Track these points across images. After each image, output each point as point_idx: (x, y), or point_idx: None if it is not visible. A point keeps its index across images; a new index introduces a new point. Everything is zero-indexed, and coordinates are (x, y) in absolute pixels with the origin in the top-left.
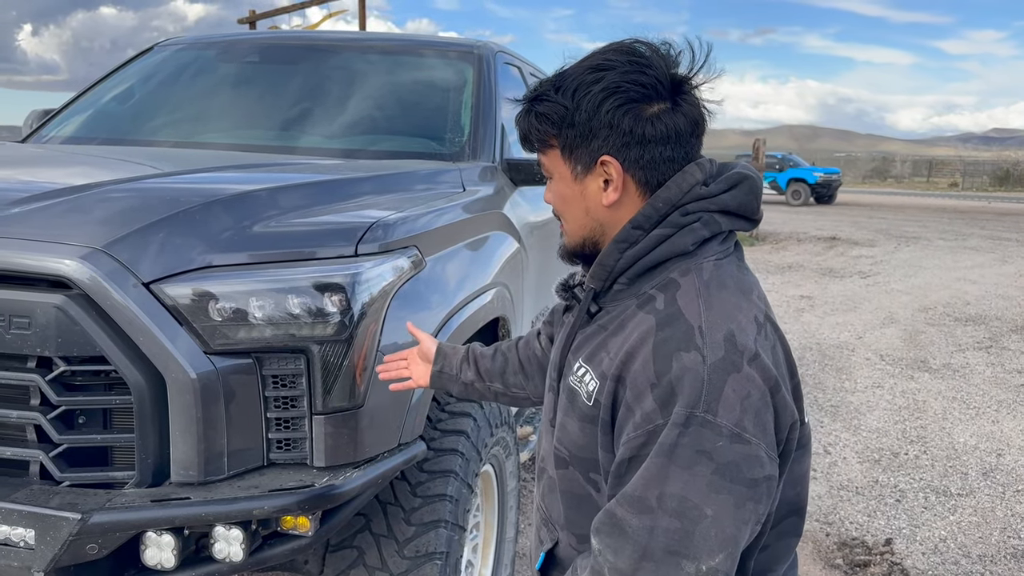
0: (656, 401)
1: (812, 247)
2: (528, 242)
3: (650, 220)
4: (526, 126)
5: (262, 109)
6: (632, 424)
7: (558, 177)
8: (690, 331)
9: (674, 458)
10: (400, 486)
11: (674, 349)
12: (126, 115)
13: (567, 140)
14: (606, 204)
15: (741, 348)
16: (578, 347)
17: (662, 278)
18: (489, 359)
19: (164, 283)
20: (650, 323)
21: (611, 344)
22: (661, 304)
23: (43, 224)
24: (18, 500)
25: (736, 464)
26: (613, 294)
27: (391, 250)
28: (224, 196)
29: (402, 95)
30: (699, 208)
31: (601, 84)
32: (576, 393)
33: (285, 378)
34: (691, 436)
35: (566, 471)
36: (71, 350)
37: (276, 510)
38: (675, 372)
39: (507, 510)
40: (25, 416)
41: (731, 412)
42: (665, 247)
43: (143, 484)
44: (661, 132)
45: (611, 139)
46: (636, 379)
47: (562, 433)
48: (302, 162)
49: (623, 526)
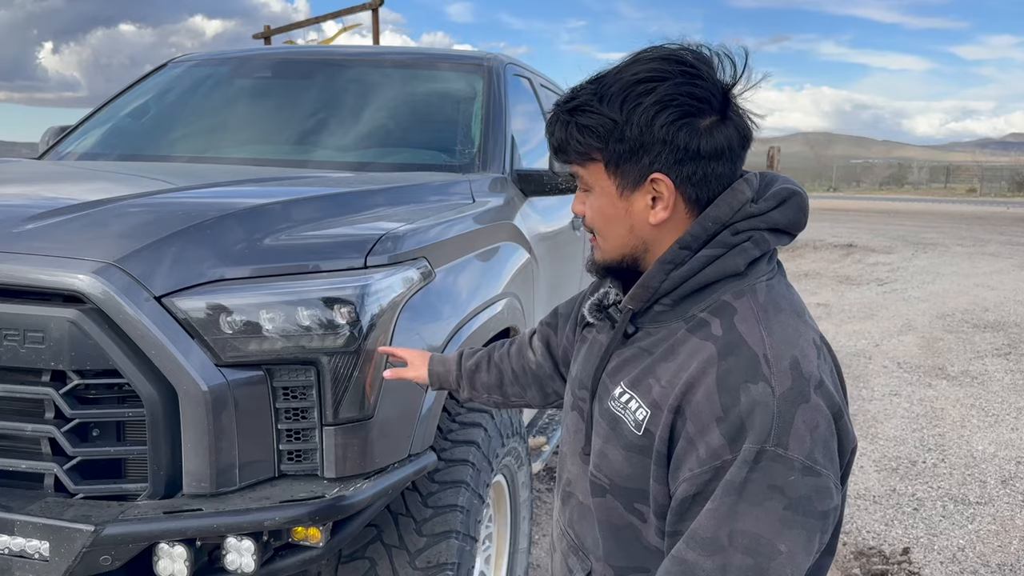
0: (724, 436)
1: (829, 254)
2: (538, 252)
3: (698, 240)
4: (564, 137)
5: (274, 124)
6: (696, 459)
7: (600, 192)
8: (755, 360)
9: (745, 495)
10: (411, 497)
11: (740, 380)
12: (141, 131)
13: (614, 155)
14: (653, 223)
15: (807, 376)
16: (616, 370)
17: (712, 300)
18: (484, 373)
19: (176, 297)
20: (710, 351)
21: (660, 371)
22: (718, 330)
23: (56, 239)
24: (33, 512)
25: (808, 497)
26: (653, 315)
27: (400, 262)
28: (234, 210)
29: (413, 108)
30: (749, 227)
31: (653, 96)
32: (619, 421)
33: (295, 390)
34: (762, 472)
35: (604, 499)
36: (84, 364)
37: (287, 521)
38: (744, 405)
39: (520, 521)
40: (40, 429)
41: (802, 444)
42: (714, 268)
43: (156, 496)
44: (714, 147)
45: (664, 155)
46: (699, 412)
47: (601, 461)
48: (312, 175)
49: (695, 571)
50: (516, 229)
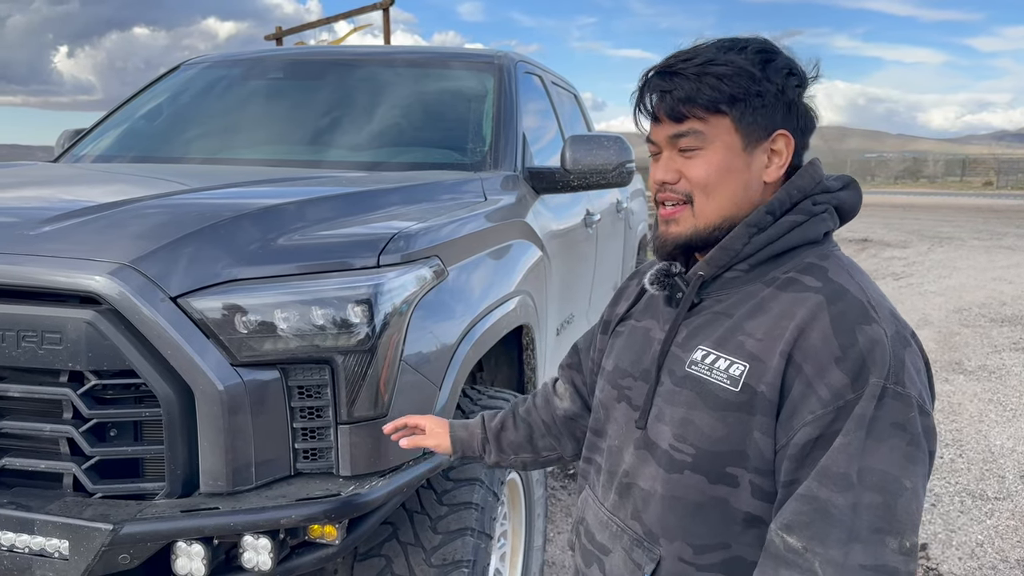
0: (846, 374)
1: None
2: (551, 250)
3: (784, 206)
4: (695, 88)
5: (287, 124)
6: (817, 401)
7: (720, 146)
8: (863, 306)
9: (872, 432)
10: (426, 494)
11: (855, 322)
12: (155, 133)
13: (748, 110)
14: (767, 180)
15: (903, 324)
16: (689, 338)
17: (796, 263)
18: (512, 431)
19: (191, 297)
20: (816, 299)
21: (751, 327)
22: (815, 282)
23: (72, 241)
24: (52, 511)
25: (924, 435)
26: (723, 282)
27: (413, 260)
28: (248, 210)
29: (424, 107)
30: (825, 200)
31: (778, 62)
32: (706, 382)
33: (310, 388)
34: (886, 409)
35: (681, 476)
36: (101, 364)
37: (303, 519)
38: (863, 344)
39: (535, 518)
40: (58, 430)
41: (915, 384)
42: (797, 233)
43: (173, 495)
44: (812, 123)
45: (788, 116)
46: (817, 354)
47: (683, 429)
48: (325, 175)
49: (828, 508)
50: (528, 227)
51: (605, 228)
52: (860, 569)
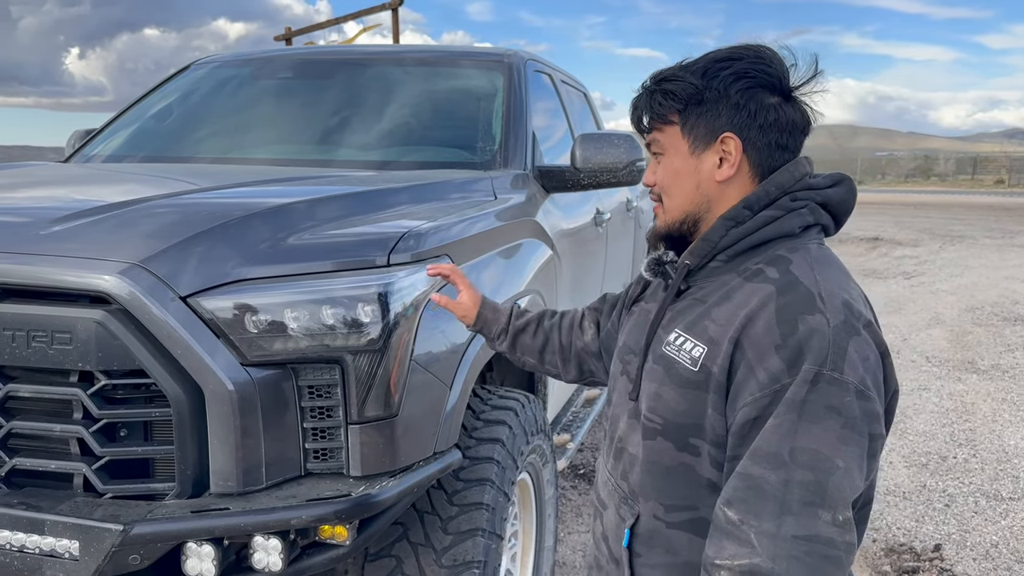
0: (783, 361)
1: (854, 248)
2: (561, 249)
3: (761, 202)
4: (648, 102)
5: (296, 124)
6: (756, 384)
7: (672, 152)
8: (810, 296)
9: (804, 414)
10: (437, 495)
11: (798, 312)
12: (165, 132)
13: (691, 117)
14: (719, 179)
15: (857, 314)
16: (670, 321)
17: (768, 255)
18: (530, 335)
19: (201, 296)
20: (768, 290)
21: (716, 313)
22: (775, 274)
23: (82, 241)
24: (63, 512)
25: (862, 419)
26: (708, 271)
27: (423, 259)
28: (258, 209)
29: (433, 106)
30: (807, 197)
31: (731, 69)
32: (673, 361)
33: (320, 388)
34: (820, 393)
35: (654, 442)
36: (111, 364)
37: (314, 520)
38: (802, 333)
39: (545, 518)
40: (68, 430)
41: (855, 371)
42: (773, 227)
43: (183, 495)
44: (778, 120)
45: (735, 118)
46: (759, 341)
47: (655, 402)
48: (334, 175)
49: (761, 484)
50: (538, 225)
51: (615, 227)
52: (793, 540)
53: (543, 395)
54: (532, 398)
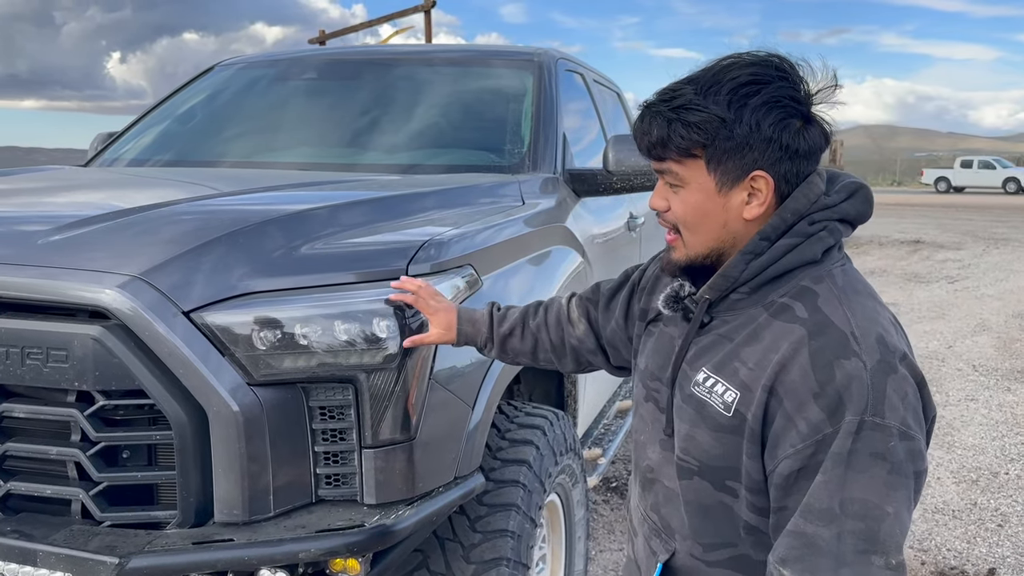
0: (823, 410)
1: (895, 251)
2: (592, 255)
3: (777, 231)
4: (666, 134)
5: (321, 126)
6: (797, 435)
7: (696, 188)
8: (844, 338)
9: (851, 465)
10: (459, 520)
11: (833, 357)
12: (188, 136)
13: (719, 151)
14: (748, 218)
15: (892, 349)
16: (695, 357)
17: (792, 286)
18: (518, 339)
19: (205, 311)
20: (799, 332)
21: (746, 354)
22: (803, 312)
23: (81, 252)
24: (56, 542)
25: (907, 460)
26: (729, 303)
27: (445, 270)
28: (269, 217)
29: (460, 107)
30: (823, 218)
31: (760, 97)
32: (704, 403)
33: (333, 409)
34: (864, 441)
35: (691, 481)
36: (109, 384)
37: (323, 553)
38: (840, 380)
39: (575, 541)
40: (65, 452)
41: (896, 412)
42: (793, 256)
43: (186, 524)
44: (808, 147)
45: (768, 153)
46: (796, 389)
47: (689, 444)
48: (355, 179)
49: (816, 542)
50: (568, 232)
51: (649, 231)
52: None
53: (573, 411)
54: (561, 415)
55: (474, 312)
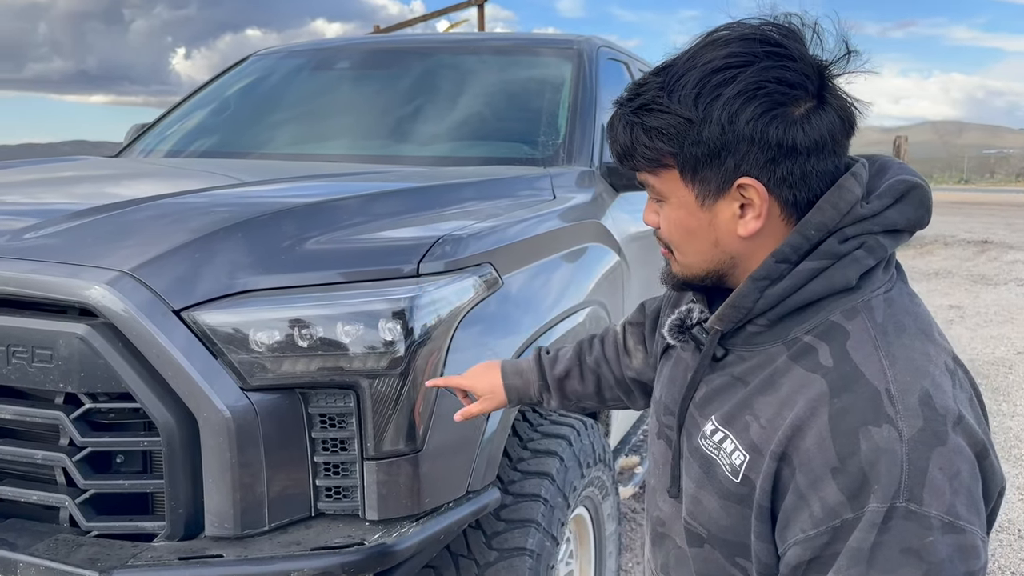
0: (842, 491)
1: (961, 251)
2: (629, 254)
3: (799, 251)
4: (629, 141)
5: (352, 118)
6: (810, 518)
7: (676, 202)
8: (876, 397)
9: (874, 563)
10: (474, 536)
11: (859, 423)
12: (216, 127)
13: (691, 160)
14: (743, 235)
15: (943, 412)
16: (705, 401)
17: (818, 321)
18: (577, 380)
19: (197, 310)
20: (819, 387)
21: (759, 405)
22: (828, 359)
23: (71, 245)
24: (37, 552)
25: (950, 560)
26: (746, 336)
27: (460, 268)
28: (271, 210)
29: (495, 97)
30: (860, 231)
31: (735, 86)
32: (713, 463)
33: (334, 417)
34: (893, 534)
35: (702, 550)
36: (95, 386)
37: (317, 573)
38: (865, 454)
39: (605, 556)
40: (50, 457)
41: (940, 497)
42: (820, 283)
43: (175, 536)
44: (813, 139)
45: (752, 155)
46: (810, 461)
47: (695, 507)
48: (373, 171)
49: None
50: (603, 228)
51: None
52: None
53: (605, 419)
54: (591, 424)
55: (519, 362)
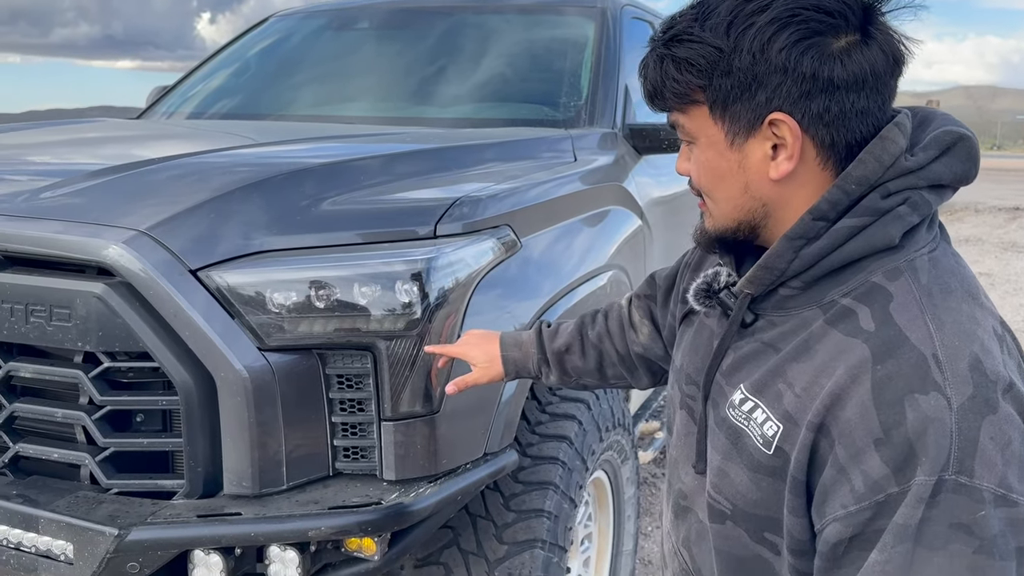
0: (887, 463)
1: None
2: (652, 219)
3: (838, 207)
4: (659, 76)
5: (373, 79)
6: (851, 493)
7: (705, 143)
8: (923, 363)
9: (921, 539)
10: (492, 498)
11: (905, 391)
12: (239, 89)
13: (721, 93)
14: (775, 178)
15: (993, 378)
16: (733, 368)
17: (858, 283)
18: (578, 356)
19: (214, 270)
20: (861, 353)
21: (793, 373)
22: (869, 322)
23: (89, 204)
24: (58, 509)
25: (1003, 534)
26: (778, 300)
27: (478, 230)
28: (288, 170)
29: (515, 57)
30: (904, 185)
31: (769, 13)
32: (742, 434)
33: (352, 378)
34: (942, 508)
35: (724, 526)
36: (113, 345)
37: (335, 531)
38: (911, 424)
39: (624, 520)
40: (70, 415)
41: (991, 469)
42: (860, 242)
43: (194, 495)
44: (853, 74)
45: (785, 88)
46: (851, 431)
47: (721, 480)
48: (392, 132)
49: None
50: (625, 191)
51: None
52: None
53: None
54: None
55: (519, 334)
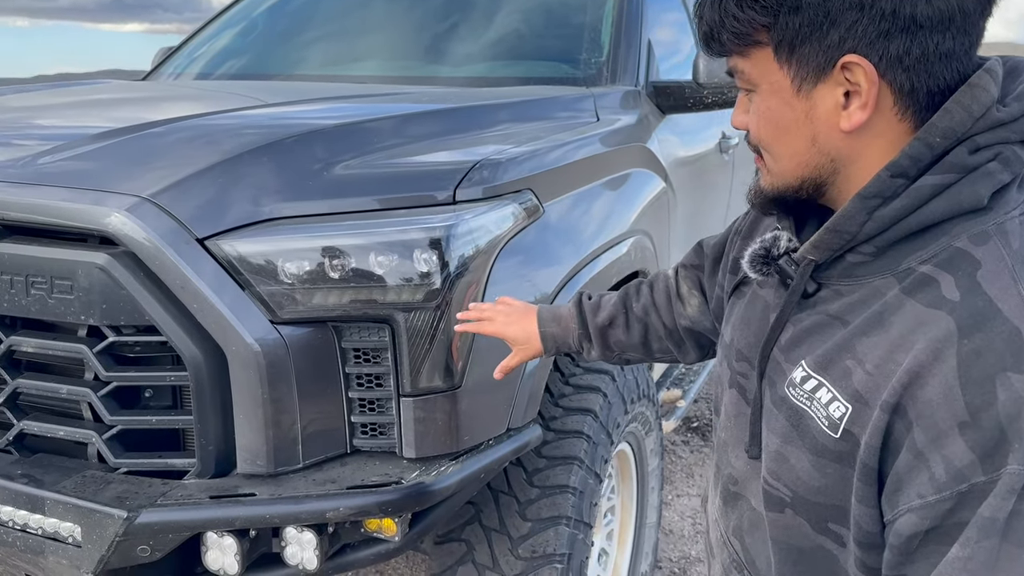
0: (972, 449)
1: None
2: (676, 181)
3: (919, 164)
4: (717, 15)
5: (384, 37)
6: (930, 481)
7: (768, 90)
8: (1017, 338)
9: (1010, 536)
10: (515, 473)
11: (996, 369)
12: (246, 49)
13: (788, 33)
14: (846, 129)
15: None
16: (793, 343)
17: (939, 248)
18: (622, 329)
19: (223, 239)
20: (945, 326)
21: (864, 348)
22: (954, 292)
23: (89, 170)
24: (64, 490)
25: None
26: (845, 267)
27: (499, 195)
28: (297, 133)
29: (533, 13)
30: (995, 139)
31: None
32: (804, 416)
33: (369, 352)
34: None
35: (782, 515)
36: (118, 318)
37: (353, 512)
38: (1003, 406)
39: (648, 492)
40: (75, 392)
41: None
42: (943, 202)
43: (206, 474)
44: (939, 10)
45: (861, 27)
46: (932, 414)
47: (779, 466)
48: (406, 92)
49: None
50: (649, 153)
51: (743, 154)
52: None
53: None
54: None
55: (559, 308)
